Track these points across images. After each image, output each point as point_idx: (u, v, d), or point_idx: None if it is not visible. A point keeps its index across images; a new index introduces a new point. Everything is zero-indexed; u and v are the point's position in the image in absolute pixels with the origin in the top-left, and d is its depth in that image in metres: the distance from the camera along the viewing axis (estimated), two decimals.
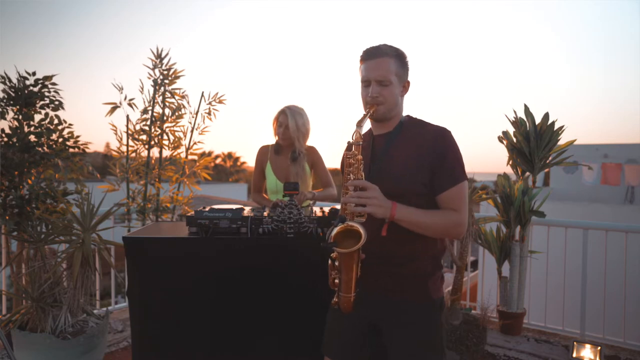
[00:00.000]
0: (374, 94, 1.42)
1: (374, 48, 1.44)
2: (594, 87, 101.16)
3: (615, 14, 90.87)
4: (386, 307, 1.47)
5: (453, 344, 2.71)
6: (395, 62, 1.43)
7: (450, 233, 1.40)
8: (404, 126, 1.48)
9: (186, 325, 2.02)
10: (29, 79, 2.65)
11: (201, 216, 2.00)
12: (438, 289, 1.48)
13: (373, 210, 1.28)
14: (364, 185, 1.31)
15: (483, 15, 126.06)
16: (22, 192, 2.60)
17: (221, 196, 17.36)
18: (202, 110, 3.69)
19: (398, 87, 1.45)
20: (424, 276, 1.45)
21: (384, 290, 1.46)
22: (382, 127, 1.50)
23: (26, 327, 2.40)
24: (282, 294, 2.01)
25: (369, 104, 1.43)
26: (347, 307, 1.38)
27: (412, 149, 1.42)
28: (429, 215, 1.37)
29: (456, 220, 1.38)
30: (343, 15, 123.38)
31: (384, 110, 1.44)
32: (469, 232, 3.00)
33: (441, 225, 1.37)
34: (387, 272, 1.45)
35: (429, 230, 1.37)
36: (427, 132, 1.44)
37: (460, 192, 1.39)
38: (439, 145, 1.40)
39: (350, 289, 1.35)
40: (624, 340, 3.07)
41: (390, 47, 1.44)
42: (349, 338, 1.53)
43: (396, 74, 1.43)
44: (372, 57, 1.43)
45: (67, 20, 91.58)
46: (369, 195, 1.29)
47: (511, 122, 3.31)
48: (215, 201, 11.75)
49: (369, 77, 1.42)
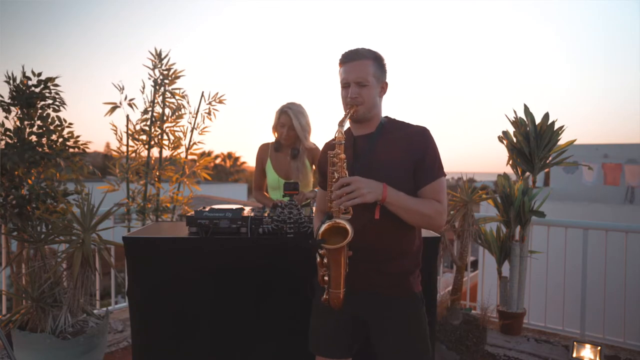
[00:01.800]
0: (354, 95, 1.46)
1: (352, 51, 1.49)
2: (594, 87, 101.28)
3: (615, 14, 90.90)
4: (372, 302, 1.52)
5: (453, 344, 2.71)
6: (373, 64, 1.47)
7: (433, 221, 1.44)
8: (384, 127, 1.53)
9: (186, 325, 2.02)
10: (32, 79, 2.65)
11: (201, 216, 2.01)
12: (418, 284, 1.56)
13: (364, 199, 1.32)
14: (346, 181, 1.34)
15: (483, 16, 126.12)
16: (23, 192, 2.61)
17: (221, 196, 17.37)
18: (202, 110, 3.70)
19: (376, 88, 1.49)
20: (406, 273, 1.52)
21: (369, 285, 1.51)
22: (363, 127, 1.54)
23: (26, 327, 2.40)
24: (282, 293, 2.01)
25: (349, 104, 1.47)
26: (337, 303, 1.43)
27: (395, 150, 1.47)
28: (417, 201, 1.42)
29: (439, 209, 1.44)
30: (343, 15, 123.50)
31: (364, 110, 1.48)
32: (469, 232, 3.01)
33: (428, 212, 1.42)
34: (374, 269, 1.49)
35: (415, 216, 1.42)
36: (408, 133, 1.49)
37: (441, 186, 1.47)
38: (420, 144, 1.46)
39: (340, 285, 1.40)
40: (624, 340, 3.08)
41: (369, 50, 1.49)
42: (334, 333, 1.57)
43: (374, 76, 1.47)
44: (350, 60, 1.47)
45: (67, 20, 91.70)
46: (354, 188, 1.32)
47: (511, 122, 3.31)
48: (215, 201, 11.75)
49: (348, 79, 1.47)
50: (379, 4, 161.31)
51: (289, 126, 2.53)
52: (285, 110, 2.53)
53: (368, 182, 1.35)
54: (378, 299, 1.51)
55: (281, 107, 2.56)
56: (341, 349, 1.57)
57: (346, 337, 1.57)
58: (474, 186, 3.06)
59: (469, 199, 2.98)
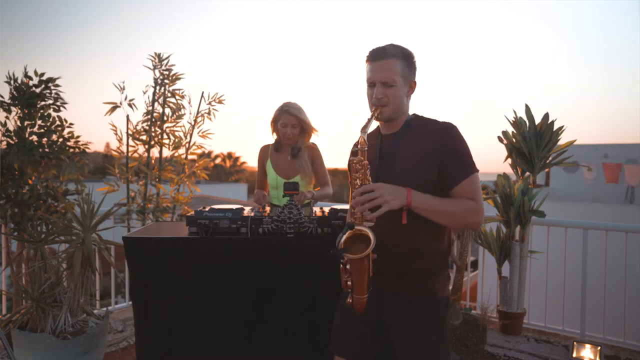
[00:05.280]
0: (379, 96, 1.42)
1: (380, 49, 1.44)
2: (594, 87, 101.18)
3: (615, 14, 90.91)
4: (394, 304, 1.48)
5: (453, 344, 2.71)
6: (402, 63, 1.43)
7: (468, 221, 1.39)
8: (410, 125, 1.49)
9: (186, 325, 2.02)
10: (33, 80, 2.65)
11: (201, 216, 2.00)
12: (445, 288, 1.50)
13: (389, 207, 1.28)
14: (368, 188, 1.30)
15: (483, 16, 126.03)
16: (23, 192, 2.60)
17: (221, 196, 17.38)
18: (202, 110, 3.70)
19: (404, 88, 1.45)
20: (432, 274, 1.46)
21: (393, 287, 1.47)
22: (389, 126, 1.51)
23: (26, 327, 2.40)
24: (282, 294, 2.01)
25: (374, 105, 1.43)
26: (360, 308, 1.39)
27: (419, 147, 1.42)
28: (445, 202, 1.37)
29: (473, 208, 1.37)
30: (343, 15, 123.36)
31: (389, 111, 1.44)
32: (469, 232, 3.01)
33: (459, 212, 1.36)
34: (397, 270, 1.46)
35: (447, 217, 1.37)
36: (434, 129, 1.44)
37: (474, 183, 1.40)
38: (447, 140, 1.40)
39: (364, 290, 1.36)
40: (624, 340, 3.07)
41: (397, 48, 1.44)
42: (357, 335, 1.54)
43: (402, 75, 1.43)
44: (377, 59, 1.43)
45: (68, 19, 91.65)
46: (378, 194, 1.28)
47: (511, 122, 3.31)
48: (215, 201, 11.76)
49: (374, 79, 1.43)
50: (379, 5, 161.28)
51: (292, 124, 2.53)
52: (287, 109, 2.53)
53: (392, 188, 1.31)
54: (401, 300, 1.47)
55: (280, 107, 2.56)
56: (362, 351, 1.54)
57: (368, 340, 1.53)
58: None
59: None
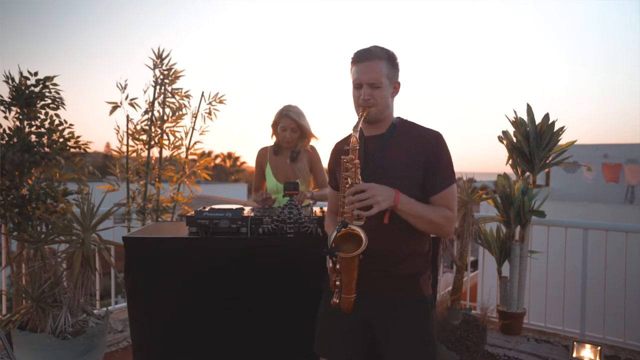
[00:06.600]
0: (366, 97, 1.44)
1: (365, 50, 1.46)
2: (594, 87, 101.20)
3: (615, 14, 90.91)
4: (380, 304, 1.50)
5: (453, 344, 2.71)
6: (386, 65, 1.45)
7: (444, 229, 1.45)
8: (396, 128, 1.51)
9: (186, 325, 2.02)
10: (31, 79, 2.65)
11: (201, 216, 2.01)
12: (428, 287, 1.54)
13: (380, 207, 1.30)
14: (360, 188, 1.32)
15: (483, 16, 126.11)
16: (23, 192, 2.60)
17: (221, 196, 17.38)
18: (202, 110, 3.70)
19: (389, 89, 1.47)
20: (417, 274, 1.50)
21: (378, 288, 1.49)
22: (374, 128, 1.52)
23: (26, 327, 2.40)
24: (282, 294, 2.01)
25: (361, 106, 1.45)
26: (348, 308, 1.41)
27: (406, 151, 1.45)
28: (427, 208, 1.41)
29: (450, 216, 1.44)
30: (343, 15, 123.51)
31: (376, 112, 1.46)
32: (469, 232, 3.00)
33: (437, 220, 1.41)
34: (383, 271, 1.47)
35: (425, 223, 1.41)
36: (421, 135, 1.47)
37: (453, 193, 1.46)
38: (435, 148, 1.44)
39: (352, 290, 1.38)
40: (624, 340, 3.07)
41: (382, 49, 1.46)
42: (342, 335, 1.55)
43: (387, 76, 1.45)
44: (363, 60, 1.45)
45: (68, 19, 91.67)
46: (369, 195, 1.30)
47: (511, 122, 3.31)
48: (215, 201, 11.76)
49: (361, 80, 1.44)
50: (379, 5, 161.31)
51: (292, 128, 2.53)
52: (287, 113, 2.52)
53: (382, 189, 1.33)
54: (387, 301, 1.49)
55: (280, 111, 2.55)
56: (347, 352, 1.54)
57: (353, 340, 1.54)
58: (474, 186, 3.05)
59: (469, 199, 2.97)
